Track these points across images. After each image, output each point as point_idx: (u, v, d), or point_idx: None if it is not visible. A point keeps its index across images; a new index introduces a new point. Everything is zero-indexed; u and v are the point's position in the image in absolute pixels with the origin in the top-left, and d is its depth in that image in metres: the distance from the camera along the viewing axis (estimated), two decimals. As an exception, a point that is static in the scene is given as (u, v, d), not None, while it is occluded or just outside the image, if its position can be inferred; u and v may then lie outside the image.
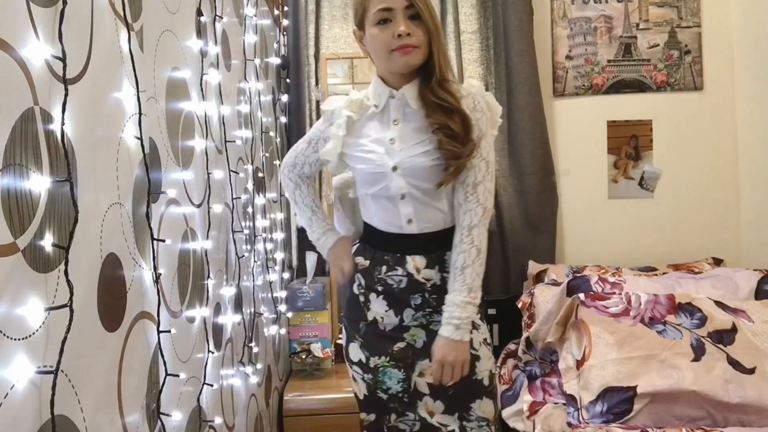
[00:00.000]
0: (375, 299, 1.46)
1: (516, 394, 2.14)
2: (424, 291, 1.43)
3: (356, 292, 1.50)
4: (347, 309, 1.54)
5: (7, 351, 0.64)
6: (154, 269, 1.02)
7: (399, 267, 1.43)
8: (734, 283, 2.18)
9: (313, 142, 1.56)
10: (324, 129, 1.52)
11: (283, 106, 2.69)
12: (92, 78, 0.84)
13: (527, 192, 2.72)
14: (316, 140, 1.55)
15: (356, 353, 1.50)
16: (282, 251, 2.43)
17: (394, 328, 1.45)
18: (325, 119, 1.53)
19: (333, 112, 1.48)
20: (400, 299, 1.44)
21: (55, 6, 0.75)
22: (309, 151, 1.57)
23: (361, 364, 1.49)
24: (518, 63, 2.69)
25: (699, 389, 1.71)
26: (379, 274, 1.45)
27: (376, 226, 1.48)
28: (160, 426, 1.04)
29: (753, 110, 2.65)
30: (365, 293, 1.48)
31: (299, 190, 1.60)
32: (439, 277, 1.43)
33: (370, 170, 1.42)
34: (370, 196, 1.46)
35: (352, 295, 1.51)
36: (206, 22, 1.44)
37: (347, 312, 1.54)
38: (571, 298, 2.05)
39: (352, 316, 1.51)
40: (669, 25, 2.79)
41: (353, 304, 1.51)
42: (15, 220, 0.66)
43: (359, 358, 1.49)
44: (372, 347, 1.47)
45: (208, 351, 1.34)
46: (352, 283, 1.51)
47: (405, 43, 1.34)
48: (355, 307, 1.50)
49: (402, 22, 1.33)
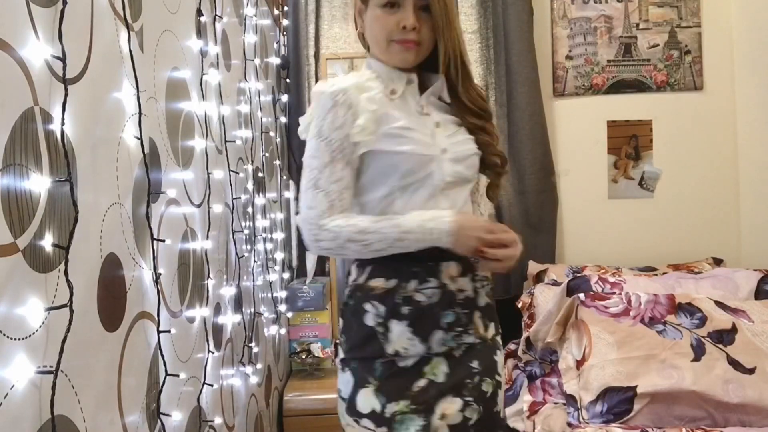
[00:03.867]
0: (397, 327, 1.20)
1: (516, 394, 2.14)
2: (456, 305, 1.22)
3: (371, 324, 1.21)
4: (356, 347, 1.23)
5: (7, 351, 0.64)
6: (154, 269, 1.02)
7: (432, 278, 1.21)
8: (734, 283, 2.18)
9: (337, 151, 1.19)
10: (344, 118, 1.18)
11: (283, 106, 2.69)
12: (92, 78, 0.84)
13: (527, 192, 2.72)
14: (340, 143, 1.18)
15: (368, 402, 1.19)
16: (282, 251, 2.43)
17: (415, 362, 1.20)
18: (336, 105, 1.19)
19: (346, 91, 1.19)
20: (429, 319, 1.21)
21: (55, 6, 0.75)
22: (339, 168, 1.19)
23: (374, 415, 1.18)
24: (518, 63, 2.69)
25: (699, 389, 1.71)
26: (404, 293, 1.21)
27: None
28: (160, 426, 1.04)
29: (753, 110, 2.65)
30: (384, 323, 1.21)
31: (351, 220, 1.18)
32: (472, 288, 1.25)
33: (417, 151, 1.20)
34: (400, 189, 1.21)
35: (363, 329, 1.21)
36: (206, 22, 1.44)
37: (357, 350, 1.22)
38: (571, 298, 2.05)
39: (364, 354, 1.21)
40: (669, 25, 2.79)
41: (366, 339, 1.21)
42: (15, 220, 0.66)
43: (372, 408, 1.18)
44: (390, 390, 1.19)
45: (208, 351, 1.34)
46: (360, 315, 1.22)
47: (407, 38, 1.21)
48: (370, 342, 1.21)
49: (411, 13, 1.20)
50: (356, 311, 1.23)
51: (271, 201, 2.28)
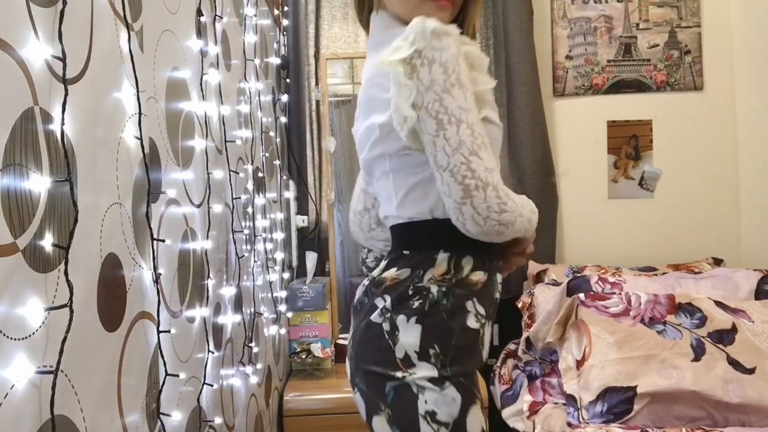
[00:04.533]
0: (488, 330, 1.08)
1: (516, 394, 2.14)
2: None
3: (474, 327, 1.03)
4: (461, 357, 1.01)
5: (6, 351, 0.64)
6: (154, 269, 1.02)
7: (500, 271, 1.11)
8: (734, 283, 2.18)
9: (472, 97, 1.00)
10: (467, 71, 1.00)
11: (283, 106, 2.69)
12: (92, 78, 0.84)
13: (527, 192, 2.70)
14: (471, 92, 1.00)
15: (478, 420, 1.01)
16: (282, 251, 2.43)
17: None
18: (460, 54, 0.99)
19: (458, 38, 1.01)
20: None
21: (55, 6, 0.75)
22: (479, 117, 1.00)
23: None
24: (518, 63, 2.69)
25: (699, 389, 1.71)
26: (496, 290, 1.09)
27: None
28: (160, 426, 1.04)
29: (753, 110, 2.65)
30: (484, 324, 1.05)
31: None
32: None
33: (500, 128, 1.09)
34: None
35: (468, 334, 1.02)
36: (206, 22, 1.44)
37: (463, 361, 1.01)
38: (571, 298, 2.05)
39: (471, 365, 1.03)
40: (669, 25, 2.79)
41: (472, 347, 1.03)
42: (15, 220, 0.66)
43: (482, 427, 1.02)
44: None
45: (208, 351, 1.34)
46: (462, 316, 1.02)
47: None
48: (473, 349, 1.03)
49: None
50: (455, 312, 1.02)
51: (271, 201, 2.28)
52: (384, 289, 1.06)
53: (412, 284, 1.03)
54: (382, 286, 1.06)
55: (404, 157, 1.04)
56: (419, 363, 0.99)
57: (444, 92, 0.96)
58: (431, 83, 0.97)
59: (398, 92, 0.98)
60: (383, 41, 1.08)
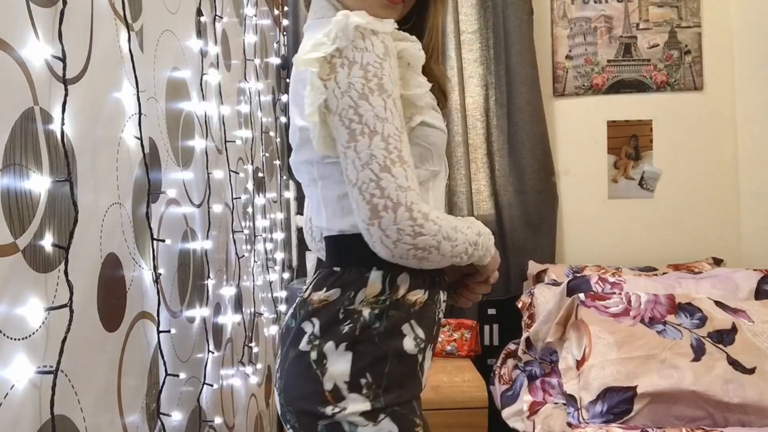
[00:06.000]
0: (429, 354, 0.98)
1: (516, 394, 2.14)
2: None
3: (412, 351, 0.93)
4: (396, 385, 0.91)
5: (7, 351, 0.64)
6: (154, 269, 1.02)
7: (444, 288, 1.03)
8: (734, 283, 2.18)
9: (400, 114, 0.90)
10: (397, 72, 0.91)
11: (283, 106, 2.69)
12: (92, 78, 0.84)
13: (527, 192, 2.72)
14: (399, 104, 0.90)
15: None
16: (282, 251, 2.43)
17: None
18: (389, 53, 0.90)
19: (388, 35, 0.91)
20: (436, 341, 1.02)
21: (55, 6, 0.75)
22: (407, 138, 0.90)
23: None
24: (518, 63, 2.69)
25: (699, 389, 1.71)
26: (438, 309, 1.00)
27: None
28: (160, 426, 1.04)
29: (753, 110, 2.65)
30: (424, 349, 0.95)
31: (440, 212, 0.94)
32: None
33: (444, 129, 1.00)
34: (432, 178, 1.00)
35: (405, 360, 0.93)
36: (206, 22, 1.44)
37: (398, 390, 0.91)
38: (571, 298, 2.05)
39: (406, 395, 0.93)
40: (669, 25, 2.79)
41: (407, 374, 0.93)
42: (15, 220, 0.66)
43: None
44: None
45: (208, 351, 1.33)
46: (397, 340, 0.92)
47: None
48: (410, 376, 0.94)
49: None
50: (390, 336, 0.92)
51: (271, 201, 2.28)
52: (311, 311, 0.94)
53: (342, 307, 0.92)
54: (308, 308, 0.95)
55: (330, 165, 0.94)
56: (349, 395, 0.89)
57: (361, 98, 0.86)
58: (348, 87, 0.86)
59: (309, 94, 0.88)
60: (311, 28, 0.98)
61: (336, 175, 0.94)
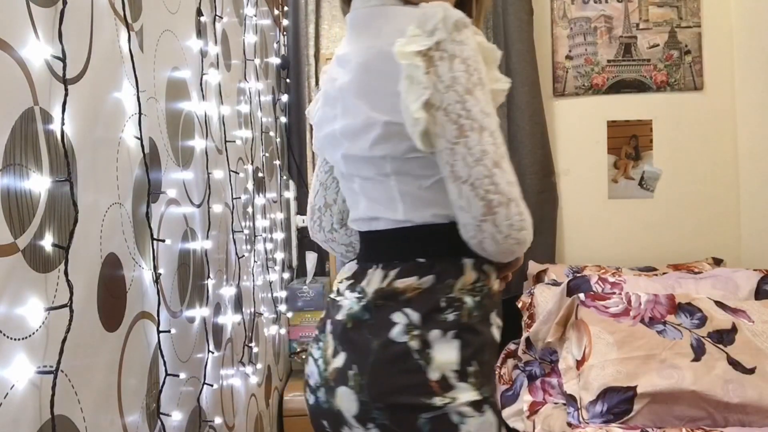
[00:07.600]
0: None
1: (516, 394, 2.14)
2: None
3: (498, 340, 0.97)
4: (490, 374, 0.94)
5: (7, 351, 0.64)
6: (154, 269, 1.02)
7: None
8: (734, 283, 2.18)
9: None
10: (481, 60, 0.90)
11: (283, 106, 2.69)
12: (92, 78, 0.84)
13: (527, 192, 2.71)
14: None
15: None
16: (282, 251, 2.43)
17: None
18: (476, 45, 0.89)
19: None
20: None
21: (55, 6, 0.75)
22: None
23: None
24: (518, 63, 2.69)
25: (699, 389, 1.71)
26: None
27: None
28: (160, 426, 1.04)
29: (753, 110, 2.65)
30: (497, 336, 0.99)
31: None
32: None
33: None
34: None
35: (492, 347, 0.95)
36: (206, 22, 1.44)
37: (492, 382, 0.94)
38: (571, 298, 2.05)
39: (494, 383, 0.96)
40: (669, 25, 2.79)
41: (493, 363, 0.97)
42: (15, 220, 0.66)
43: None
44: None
45: (208, 351, 1.34)
46: (489, 330, 0.94)
47: None
48: (494, 366, 0.99)
49: None
50: (485, 325, 0.93)
51: (271, 201, 2.28)
52: (404, 301, 0.91)
53: (443, 295, 0.91)
54: (398, 298, 0.92)
55: (413, 161, 0.93)
56: (459, 385, 0.87)
57: (467, 93, 0.86)
58: (453, 81, 0.86)
59: (409, 89, 0.87)
60: (378, 17, 0.96)
61: (416, 169, 0.93)
